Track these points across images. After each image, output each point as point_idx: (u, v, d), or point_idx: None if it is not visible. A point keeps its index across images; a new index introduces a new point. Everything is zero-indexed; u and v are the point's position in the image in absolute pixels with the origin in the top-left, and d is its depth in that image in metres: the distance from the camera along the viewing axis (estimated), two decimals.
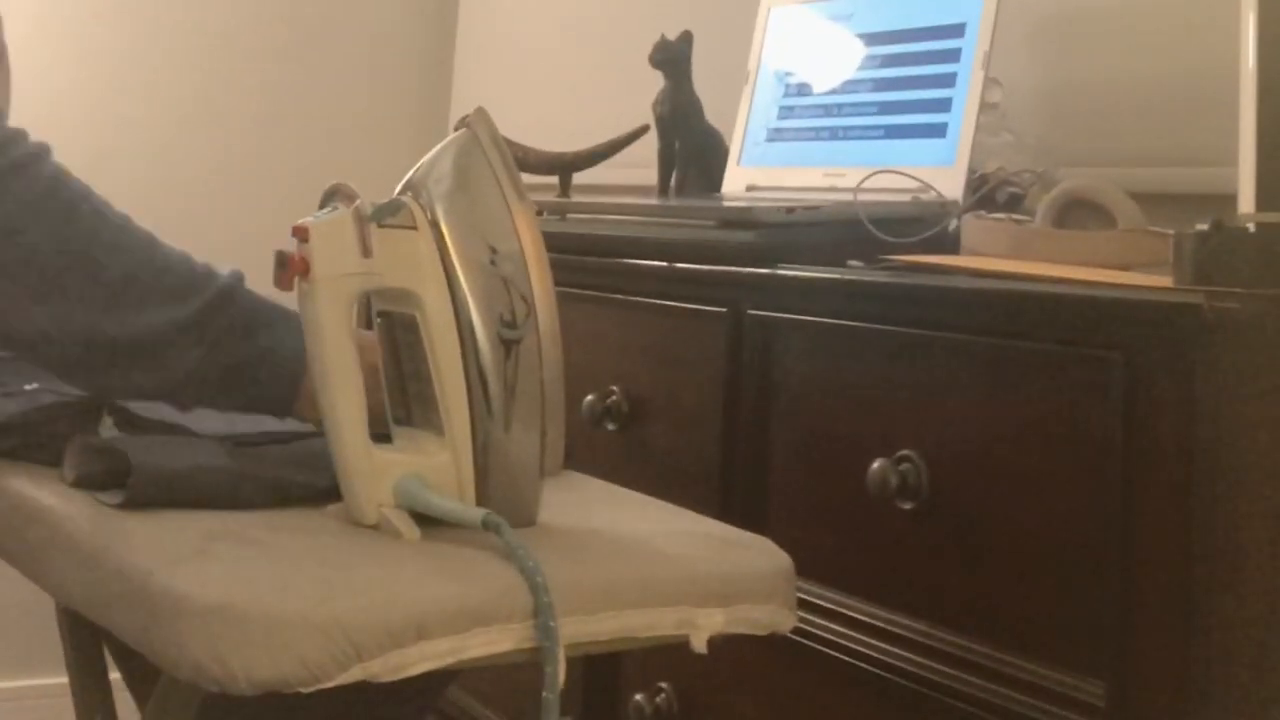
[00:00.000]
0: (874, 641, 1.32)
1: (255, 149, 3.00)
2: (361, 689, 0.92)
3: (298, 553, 1.00)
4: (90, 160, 2.95)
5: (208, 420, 1.25)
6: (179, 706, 1.04)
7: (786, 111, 1.89)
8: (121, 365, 1.15)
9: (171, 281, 1.15)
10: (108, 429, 1.24)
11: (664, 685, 1.59)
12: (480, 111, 1.10)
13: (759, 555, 1.11)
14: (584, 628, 0.99)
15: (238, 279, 1.19)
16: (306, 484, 1.13)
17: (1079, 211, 1.42)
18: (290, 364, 1.17)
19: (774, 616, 1.08)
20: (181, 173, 2.92)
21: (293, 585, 0.93)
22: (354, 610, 0.91)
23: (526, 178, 2.30)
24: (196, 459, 1.12)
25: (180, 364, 1.15)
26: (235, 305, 1.16)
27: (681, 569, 1.06)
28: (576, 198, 2.21)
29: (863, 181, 1.58)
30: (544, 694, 0.94)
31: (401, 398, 1.11)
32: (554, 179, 2.25)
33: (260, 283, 1.18)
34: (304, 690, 0.90)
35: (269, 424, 1.25)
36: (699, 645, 1.04)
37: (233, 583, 0.93)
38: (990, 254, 1.42)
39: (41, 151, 1.16)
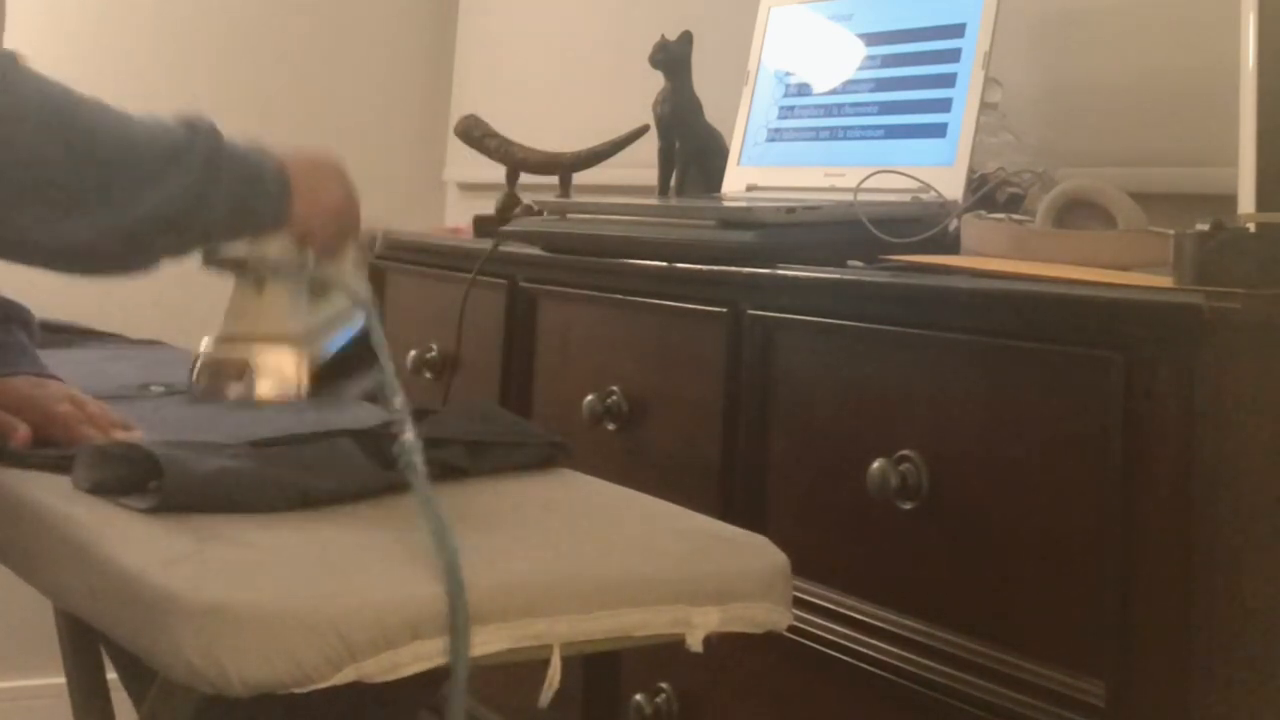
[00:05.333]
0: (874, 641, 1.32)
1: None
2: (355, 689, 0.91)
3: (291, 553, 1.00)
4: None
5: (219, 421, 1.26)
6: (175, 707, 1.04)
7: (786, 111, 1.89)
8: (155, 241, 1.17)
9: (167, 145, 1.16)
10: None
11: (664, 685, 1.59)
12: None
13: (755, 554, 1.11)
14: (579, 626, 0.99)
15: (201, 118, 1.20)
16: (328, 487, 1.13)
17: (1079, 211, 1.42)
18: (276, 183, 1.22)
19: (770, 615, 1.07)
20: None
21: (286, 586, 0.93)
22: (347, 611, 0.91)
23: (526, 178, 2.32)
24: (222, 462, 1.12)
25: (200, 219, 1.17)
26: (223, 145, 1.19)
27: (677, 568, 1.06)
28: (576, 198, 2.21)
29: (863, 181, 1.57)
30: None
31: None
32: (554, 179, 2.25)
33: None
34: (298, 691, 0.90)
35: (286, 424, 1.25)
36: (695, 644, 1.04)
37: (226, 584, 0.93)
38: (990, 254, 1.42)
39: (11, 62, 1.15)
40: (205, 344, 1.26)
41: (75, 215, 1.12)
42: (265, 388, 1.23)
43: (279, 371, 1.22)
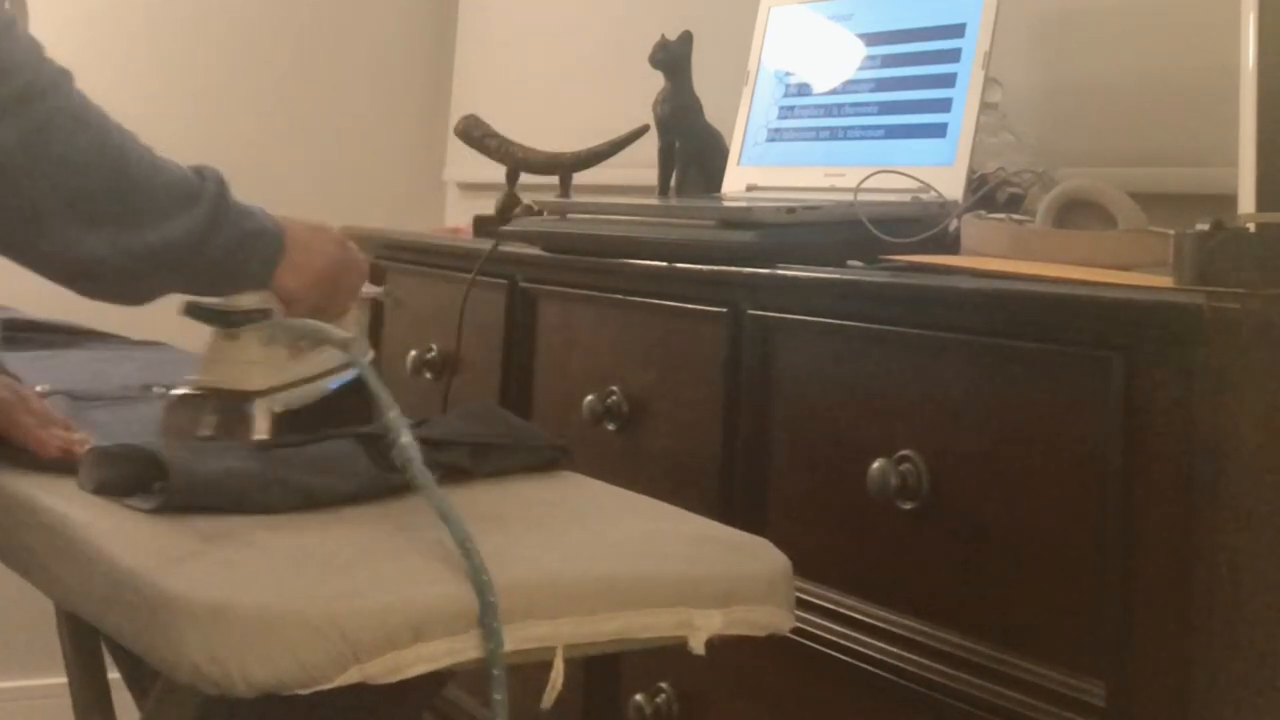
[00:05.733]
0: (874, 641, 1.32)
1: (257, 149, 3.00)
2: (359, 690, 0.91)
3: (295, 554, 1.00)
4: None
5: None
6: (177, 707, 1.04)
7: (786, 111, 1.89)
8: (160, 272, 1.21)
9: (182, 185, 1.21)
10: None
11: (664, 686, 1.59)
12: None
13: (757, 556, 1.11)
14: (582, 629, 0.99)
15: (211, 169, 1.26)
16: (332, 488, 1.13)
17: (1079, 211, 1.42)
18: (270, 244, 1.27)
19: (772, 618, 1.08)
20: None
21: (290, 587, 0.93)
22: (351, 612, 0.91)
23: (526, 178, 2.32)
24: (226, 462, 1.13)
25: (195, 263, 1.22)
26: (227, 199, 1.24)
27: (680, 570, 1.06)
28: (576, 198, 2.21)
29: (863, 181, 1.57)
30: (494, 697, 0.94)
31: None
32: (554, 179, 2.25)
33: None
34: (301, 692, 0.90)
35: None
36: (697, 647, 1.04)
37: (230, 584, 0.93)
38: (990, 254, 1.42)
39: (69, 77, 1.20)
40: (177, 391, 1.29)
41: (100, 230, 1.16)
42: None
43: (240, 425, 1.24)
